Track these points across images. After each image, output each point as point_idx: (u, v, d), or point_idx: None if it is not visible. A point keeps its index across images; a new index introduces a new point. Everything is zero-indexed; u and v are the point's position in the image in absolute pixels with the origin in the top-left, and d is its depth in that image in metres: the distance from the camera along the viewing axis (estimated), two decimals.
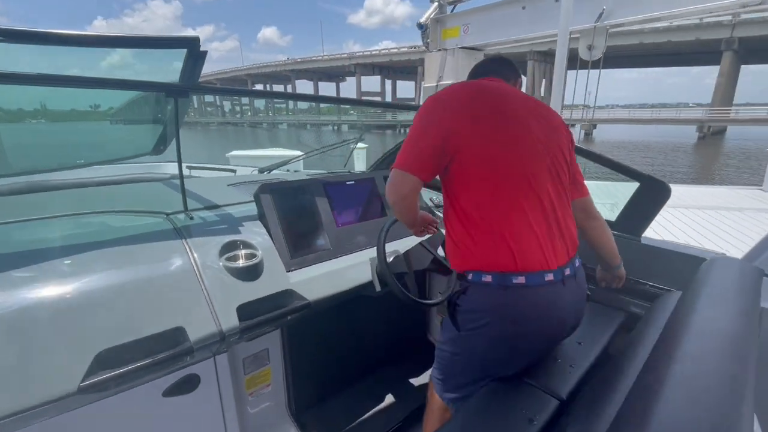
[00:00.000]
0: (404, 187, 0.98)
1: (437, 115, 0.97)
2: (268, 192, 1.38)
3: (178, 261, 1.10)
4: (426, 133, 0.97)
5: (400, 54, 50.80)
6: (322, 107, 68.83)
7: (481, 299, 0.95)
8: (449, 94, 1.00)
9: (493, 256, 0.94)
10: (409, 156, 0.97)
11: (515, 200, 0.95)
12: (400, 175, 0.97)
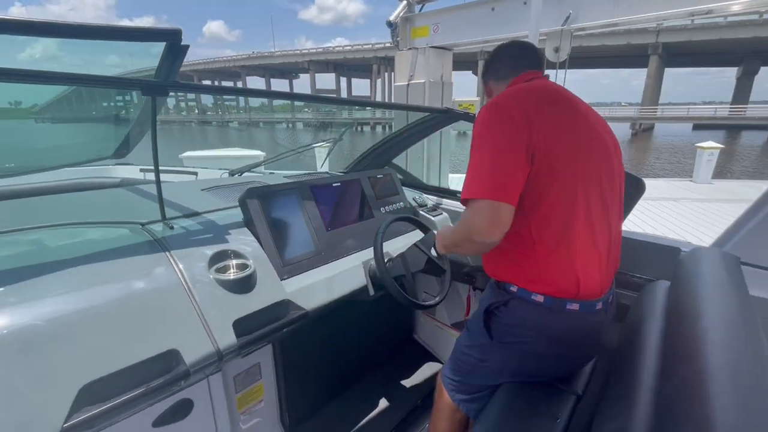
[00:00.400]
0: (504, 217, 0.81)
1: (511, 128, 0.84)
2: (256, 197, 1.30)
3: (163, 276, 1.00)
4: (506, 151, 0.83)
5: (354, 51, 50.56)
6: (275, 104, 66.87)
7: (527, 317, 0.93)
8: (515, 102, 0.87)
9: (555, 280, 0.88)
10: (496, 180, 0.81)
11: (589, 219, 0.88)
12: (493, 207, 0.80)
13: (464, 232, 0.88)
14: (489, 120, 0.87)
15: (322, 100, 1.49)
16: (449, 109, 1.83)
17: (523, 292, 0.93)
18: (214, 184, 1.71)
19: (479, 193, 0.82)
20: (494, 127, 0.86)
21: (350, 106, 49.34)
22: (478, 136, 0.88)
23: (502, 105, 0.88)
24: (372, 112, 45.72)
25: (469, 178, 0.86)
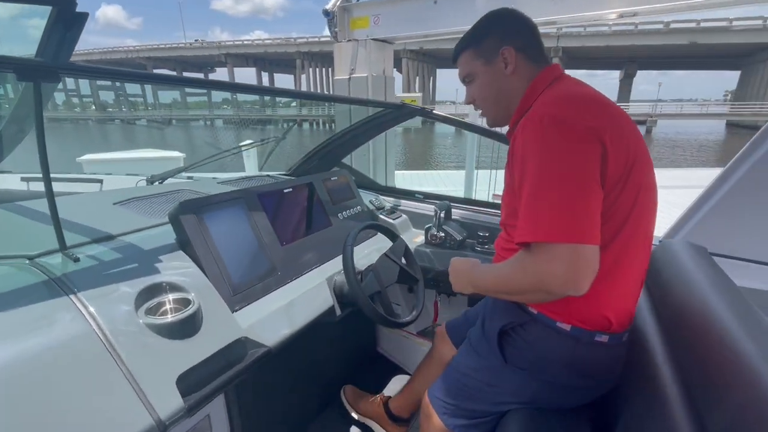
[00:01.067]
0: (594, 262, 0.65)
1: (585, 149, 0.68)
2: (192, 211, 1.04)
3: (66, 328, 0.73)
4: (584, 179, 0.67)
5: (276, 45, 48.50)
6: (189, 100, 61.48)
7: (549, 346, 0.82)
8: (581, 114, 0.70)
9: (587, 315, 0.78)
10: (576, 217, 0.65)
11: (636, 251, 0.78)
12: (578, 252, 0.64)
13: (536, 281, 0.69)
14: (555, 136, 0.68)
15: (278, 93, 1.27)
16: (404, 105, 1.71)
17: (545, 317, 0.83)
18: (129, 196, 1.39)
19: (558, 235, 0.65)
20: (563, 147, 0.67)
21: (273, 103, 47.28)
22: (539, 157, 0.69)
23: (567, 117, 0.69)
24: (298, 108, 44.26)
25: (534, 213, 0.68)
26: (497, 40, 0.86)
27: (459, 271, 0.95)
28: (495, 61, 0.87)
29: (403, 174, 8.69)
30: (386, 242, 1.43)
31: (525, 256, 0.72)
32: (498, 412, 0.93)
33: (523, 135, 0.73)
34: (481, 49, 0.88)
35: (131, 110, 57.01)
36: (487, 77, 0.89)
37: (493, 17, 0.89)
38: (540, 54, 0.87)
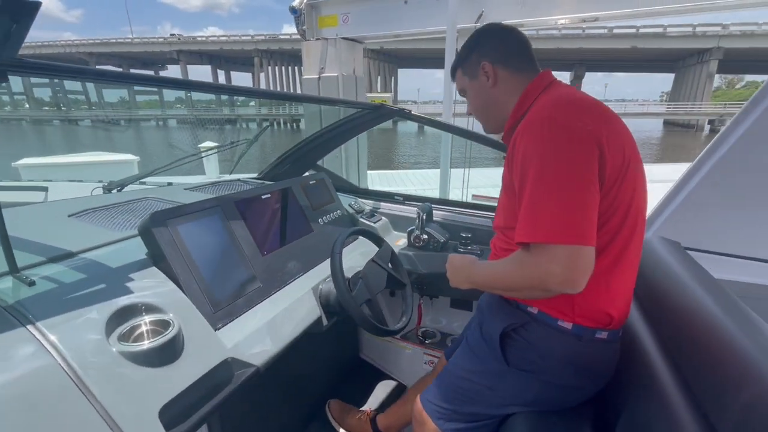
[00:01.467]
0: (589, 263, 0.68)
1: (582, 151, 0.70)
2: (165, 223, 0.95)
3: (25, 363, 0.64)
4: (581, 181, 0.69)
5: (232, 42, 46.75)
6: (138, 99, 57.85)
7: (552, 345, 0.83)
8: (578, 117, 0.72)
9: (589, 312, 0.80)
10: (574, 219, 0.67)
11: (635, 249, 0.80)
12: (575, 253, 0.67)
13: (534, 280, 0.71)
14: (554, 140, 0.70)
15: (262, 94, 1.19)
16: (382, 106, 1.68)
17: (546, 316, 0.83)
18: (85, 206, 1.26)
19: (556, 236, 0.67)
20: (562, 150, 0.69)
21: (231, 103, 45.43)
22: (539, 160, 0.70)
23: (566, 121, 0.71)
24: (257, 108, 42.91)
25: (533, 215, 0.70)
26: (477, 57, 0.92)
27: (457, 267, 0.95)
28: (478, 76, 0.93)
29: (372, 174, 8.69)
30: (369, 245, 1.39)
31: (524, 255, 0.73)
32: (497, 415, 0.92)
33: (523, 138, 0.74)
34: (466, 67, 0.96)
35: (72, 109, 52.70)
36: (473, 92, 0.96)
37: (475, 35, 0.95)
38: (525, 62, 0.90)
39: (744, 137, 1.12)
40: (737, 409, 0.57)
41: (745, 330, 0.65)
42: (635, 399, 0.80)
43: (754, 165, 1.13)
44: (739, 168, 1.17)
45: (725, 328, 0.68)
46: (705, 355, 0.69)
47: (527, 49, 0.91)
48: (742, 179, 1.18)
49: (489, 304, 0.97)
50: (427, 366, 1.74)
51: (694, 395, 0.68)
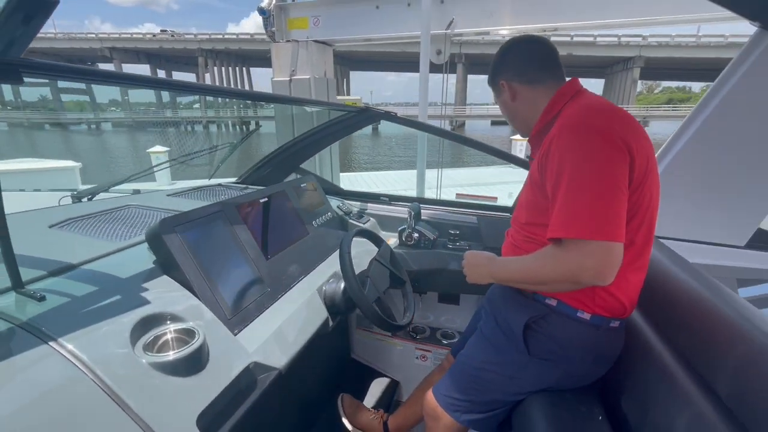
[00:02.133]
0: (619, 258, 0.74)
1: (615, 155, 0.75)
2: (175, 230, 0.92)
3: (56, 382, 0.60)
4: (614, 184, 0.74)
5: (174, 41, 44.12)
6: (65, 100, 52.72)
7: (573, 336, 0.88)
8: (609, 123, 0.78)
9: (609, 303, 0.86)
10: (607, 218, 0.73)
11: (649, 247, 0.87)
12: (608, 249, 0.72)
13: (567, 273, 0.76)
14: (588, 143, 0.76)
15: (234, 94, 1.17)
16: (368, 108, 1.71)
17: (566, 307, 0.89)
18: (65, 216, 1.17)
19: (591, 232, 0.73)
20: (596, 153, 0.75)
21: (174, 104, 42.74)
22: (573, 161, 0.76)
23: (599, 126, 0.77)
24: (203, 110, 40.77)
25: (568, 212, 0.75)
26: (497, 76, 1.01)
27: (477, 264, 0.99)
28: (502, 92, 1.02)
29: (349, 176, 8.68)
30: (362, 245, 1.42)
31: (557, 250, 0.78)
32: (514, 402, 0.98)
33: (559, 141, 0.79)
34: (493, 84, 1.04)
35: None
36: (500, 105, 1.06)
37: (498, 54, 1.01)
38: (547, 73, 0.95)
39: (696, 135, 1.30)
40: (729, 368, 0.68)
41: (725, 302, 0.77)
42: (637, 374, 0.89)
43: (706, 161, 1.30)
44: (691, 164, 1.35)
45: (709, 302, 0.80)
46: (695, 328, 0.80)
47: (550, 60, 0.95)
48: (694, 175, 1.35)
49: (503, 297, 1.02)
50: (419, 361, 1.79)
51: (689, 363, 0.78)
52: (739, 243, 1.36)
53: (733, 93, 1.22)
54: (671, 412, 0.75)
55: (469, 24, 3.29)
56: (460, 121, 44.65)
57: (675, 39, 34.06)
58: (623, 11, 3.29)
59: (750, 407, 0.62)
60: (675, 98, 67.73)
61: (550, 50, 0.96)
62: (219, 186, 1.74)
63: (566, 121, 0.82)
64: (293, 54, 3.77)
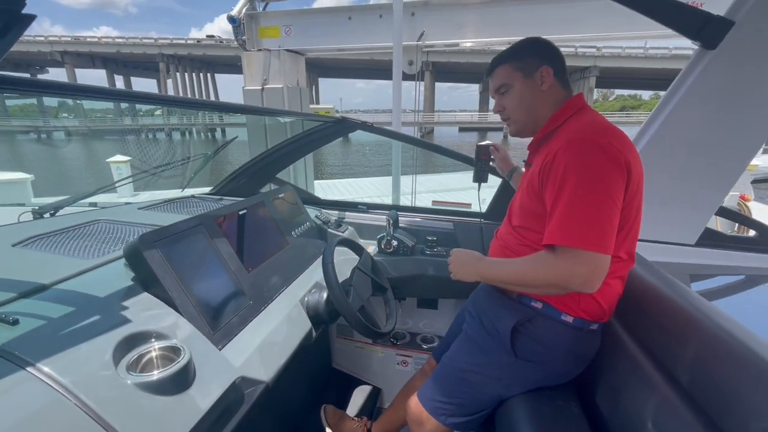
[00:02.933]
0: (606, 269, 0.80)
1: (617, 175, 0.80)
2: (155, 245, 0.90)
3: (37, 409, 0.58)
4: (612, 200, 0.79)
5: (132, 45, 42.30)
6: (8, 104, 49.19)
7: (557, 337, 0.93)
8: (615, 144, 0.82)
9: (592, 308, 0.91)
10: (603, 231, 0.78)
11: (632, 249, 0.92)
12: (599, 260, 0.78)
13: (557, 278, 0.82)
14: (593, 160, 0.81)
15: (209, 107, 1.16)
16: (345, 119, 1.73)
17: (551, 309, 0.93)
18: (27, 233, 1.12)
19: (585, 243, 0.78)
20: (599, 169, 0.80)
21: (134, 112, 40.78)
22: (578, 175, 0.80)
23: (603, 144, 0.81)
24: (165, 117, 39.19)
25: (567, 222, 0.80)
26: (538, 60, 0.97)
27: (464, 262, 1.01)
28: (534, 76, 0.97)
29: (323, 183, 8.60)
30: (342, 254, 1.43)
31: (550, 256, 0.83)
32: (498, 402, 1.02)
33: (566, 153, 0.84)
34: (522, 64, 0.98)
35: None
36: (524, 89, 0.99)
37: (535, 41, 1.00)
38: (568, 82, 1.00)
39: (649, 144, 1.41)
40: (687, 357, 0.75)
41: (680, 297, 0.85)
42: (609, 368, 0.95)
43: (659, 167, 1.42)
44: (646, 171, 1.46)
45: (667, 297, 0.87)
46: (656, 322, 0.87)
47: (567, 71, 1.01)
48: (649, 181, 1.46)
49: (489, 299, 1.05)
50: (401, 366, 1.81)
51: (653, 354, 0.85)
52: (690, 242, 1.49)
53: (680, 105, 1.34)
54: (639, 401, 0.81)
55: (439, 36, 3.42)
56: (429, 127, 45.51)
57: (626, 51, 36.41)
58: (581, 27, 3.53)
59: (706, 391, 0.69)
60: (627, 105, 72.26)
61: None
62: (192, 198, 1.71)
63: (574, 136, 0.87)
64: (265, 63, 3.74)
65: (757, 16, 1.21)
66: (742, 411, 0.62)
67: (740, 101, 1.30)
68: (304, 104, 4.25)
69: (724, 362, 0.68)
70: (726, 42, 1.25)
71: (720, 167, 1.38)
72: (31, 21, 0.61)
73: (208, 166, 1.80)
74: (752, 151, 1.37)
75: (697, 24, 1.28)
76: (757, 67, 1.26)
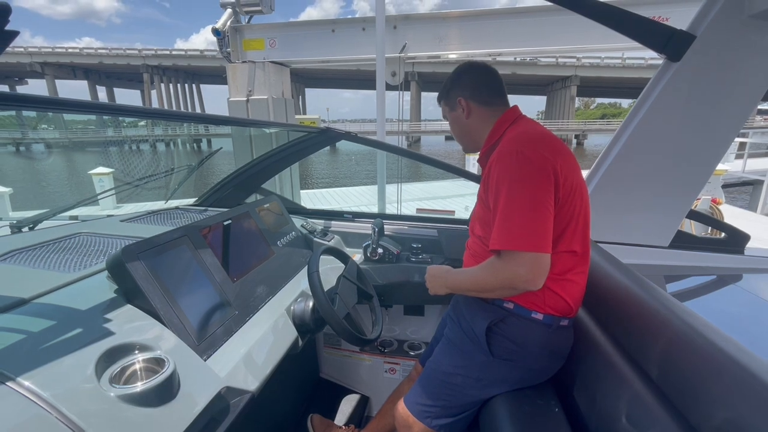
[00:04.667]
0: (547, 266, 0.87)
1: (543, 179, 0.88)
2: (139, 257, 0.90)
3: (18, 424, 0.58)
4: (543, 202, 0.87)
5: (115, 56, 41.86)
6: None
7: (529, 335, 0.97)
8: (539, 150, 0.90)
9: (556, 304, 0.96)
10: (537, 232, 0.85)
11: (586, 250, 0.98)
12: (538, 259, 0.85)
13: (504, 280, 0.89)
14: (520, 169, 0.88)
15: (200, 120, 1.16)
16: (329, 129, 1.76)
17: (521, 309, 0.98)
18: (6, 248, 1.10)
19: (522, 245, 0.85)
20: (527, 178, 0.88)
21: (117, 123, 40.15)
22: (509, 185, 0.88)
23: (529, 154, 0.89)
24: (149, 128, 38.69)
25: (504, 228, 0.87)
26: (457, 91, 1.09)
27: (435, 277, 1.09)
28: (456, 108, 1.10)
29: (308, 193, 8.60)
30: (327, 263, 1.44)
31: (496, 261, 0.91)
32: (481, 403, 1.04)
33: (497, 166, 0.92)
34: (448, 98, 1.12)
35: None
36: (452, 120, 1.14)
37: (456, 72, 1.11)
38: (496, 98, 1.08)
39: (621, 151, 1.47)
40: (657, 353, 0.79)
41: (652, 297, 0.88)
42: (585, 365, 0.98)
43: (632, 173, 1.48)
44: (620, 177, 1.52)
45: (640, 297, 0.91)
46: (629, 320, 0.91)
47: (499, 87, 1.08)
48: (623, 186, 1.53)
49: (467, 304, 1.09)
50: (389, 374, 1.82)
51: (626, 351, 0.88)
52: (664, 244, 1.55)
53: (648, 115, 1.41)
54: (613, 395, 0.84)
55: (421, 48, 3.52)
56: (416, 136, 45.96)
57: (604, 60, 37.61)
58: (559, 40, 3.67)
59: (674, 384, 0.72)
60: (608, 113, 74.33)
61: (500, 79, 1.10)
62: (177, 209, 1.70)
63: (503, 148, 0.94)
64: (250, 74, 3.78)
65: (716, 31, 1.29)
66: (706, 402, 0.66)
67: (704, 110, 1.37)
68: (290, 115, 4.29)
69: (691, 357, 0.71)
70: (689, 54, 1.32)
71: (688, 172, 1.45)
72: (14, 37, 0.63)
73: (192, 177, 1.80)
74: (718, 156, 1.45)
75: (662, 38, 1.35)
76: (718, 78, 1.33)
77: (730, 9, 1.26)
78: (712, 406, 0.64)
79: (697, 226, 3.53)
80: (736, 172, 7.37)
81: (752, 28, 1.26)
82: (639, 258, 1.51)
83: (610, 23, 1.38)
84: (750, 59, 1.30)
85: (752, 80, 1.33)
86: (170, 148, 37.56)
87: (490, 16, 3.80)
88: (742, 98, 1.36)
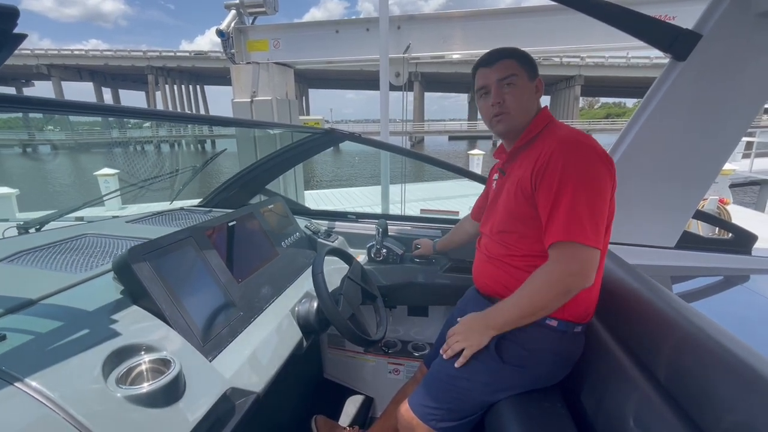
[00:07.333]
0: (597, 264, 0.86)
1: (606, 173, 0.88)
2: (145, 258, 0.91)
3: (27, 425, 0.58)
4: (603, 197, 0.86)
5: (120, 58, 42.16)
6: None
7: (543, 341, 0.95)
8: (600, 147, 0.91)
9: (575, 310, 0.94)
10: (599, 227, 0.84)
11: (606, 247, 0.95)
12: (595, 255, 0.85)
13: (559, 283, 0.86)
14: (592, 163, 0.87)
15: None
16: (333, 130, 1.76)
17: None
18: (14, 249, 1.12)
19: (585, 238, 0.83)
20: (592, 170, 0.87)
21: (121, 124, 40.44)
22: (577, 176, 0.86)
23: (596, 147, 0.90)
24: (154, 129, 38.92)
25: (570, 220, 0.84)
26: (536, 69, 1.04)
27: (473, 329, 1.00)
28: (534, 81, 1.04)
29: (312, 194, 8.65)
30: (332, 264, 1.44)
31: (548, 264, 0.88)
32: (488, 405, 1.03)
33: (564, 153, 0.89)
34: (529, 67, 1.03)
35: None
36: (526, 89, 1.02)
37: (524, 53, 1.05)
38: None
39: (627, 150, 1.46)
40: (665, 355, 0.78)
41: (659, 298, 0.88)
42: (593, 368, 0.98)
43: (637, 173, 1.47)
44: (625, 176, 1.51)
45: (647, 299, 0.91)
46: (637, 322, 0.90)
47: None
48: (629, 186, 1.52)
49: (475, 306, 1.07)
50: (393, 375, 1.82)
51: (634, 353, 0.88)
52: (670, 244, 1.54)
53: (654, 114, 1.40)
54: (621, 399, 0.84)
55: (425, 48, 3.52)
56: (420, 137, 45.95)
57: (609, 60, 37.40)
58: (564, 39, 3.65)
59: (683, 386, 0.72)
60: (612, 113, 73.90)
61: None
62: (182, 210, 1.71)
63: (565, 138, 0.93)
64: (254, 76, 3.79)
65: (722, 30, 1.28)
66: (715, 405, 0.65)
67: (710, 109, 1.36)
68: (294, 116, 4.30)
69: (699, 359, 0.71)
70: (695, 54, 1.31)
71: (694, 172, 1.44)
72: (22, 40, 0.63)
73: (197, 178, 1.81)
74: (724, 157, 1.43)
75: (667, 37, 1.34)
76: (725, 77, 1.32)
77: (736, 8, 1.24)
78: (721, 409, 0.64)
79: (704, 227, 3.49)
80: (744, 171, 7.30)
81: (759, 27, 1.25)
82: (645, 258, 1.49)
83: (616, 23, 1.36)
84: (757, 58, 1.29)
85: (759, 79, 1.32)
86: (175, 149, 37.78)
87: (495, 15, 3.82)
88: (749, 97, 1.34)
